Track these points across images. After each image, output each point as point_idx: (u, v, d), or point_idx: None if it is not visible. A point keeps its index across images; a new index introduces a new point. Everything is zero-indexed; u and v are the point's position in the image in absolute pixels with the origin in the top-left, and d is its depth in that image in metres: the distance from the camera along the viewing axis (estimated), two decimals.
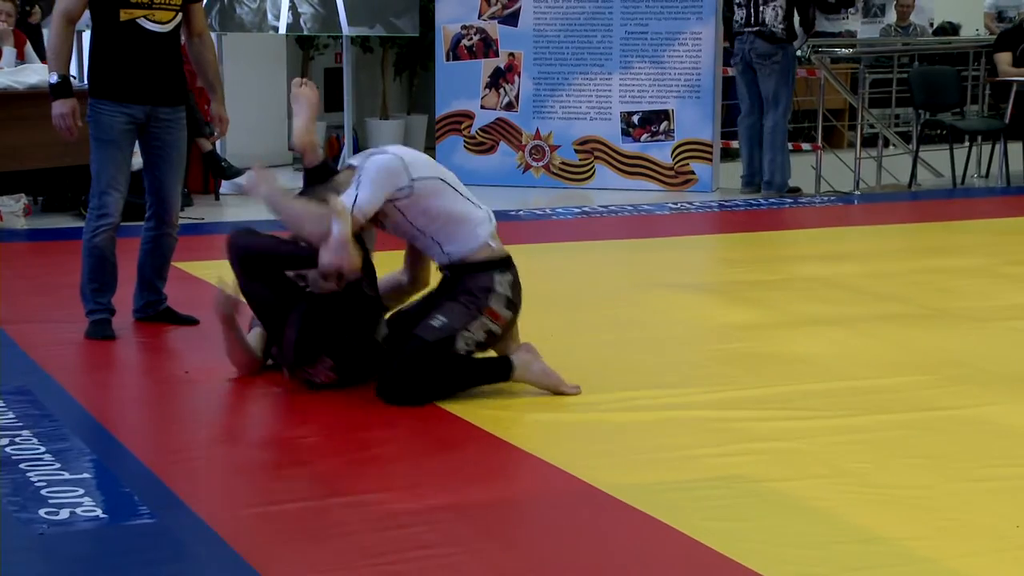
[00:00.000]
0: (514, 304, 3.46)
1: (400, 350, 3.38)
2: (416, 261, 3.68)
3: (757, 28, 7.41)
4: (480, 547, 2.49)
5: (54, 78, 3.96)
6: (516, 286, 3.47)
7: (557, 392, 3.45)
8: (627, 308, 4.62)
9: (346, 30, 7.85)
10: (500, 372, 3.44)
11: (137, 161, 4.18)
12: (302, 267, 3.42)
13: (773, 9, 7.36)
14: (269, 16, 7.69)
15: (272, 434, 3.28)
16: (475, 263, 3.41)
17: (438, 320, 3.38)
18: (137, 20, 3.94)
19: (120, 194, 4.04)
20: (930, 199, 7.84)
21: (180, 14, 4.04)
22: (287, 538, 2.52)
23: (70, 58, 4.05)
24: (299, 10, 7.69)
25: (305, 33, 8.18)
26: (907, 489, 2.81)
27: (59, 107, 3.95)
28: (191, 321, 4.25)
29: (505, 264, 3.45)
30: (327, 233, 3.25)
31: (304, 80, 3.69)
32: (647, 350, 4.02)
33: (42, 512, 2.61)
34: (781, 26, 7.39)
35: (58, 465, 2.91)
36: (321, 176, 3.57)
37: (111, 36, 3.97)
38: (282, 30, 7.81)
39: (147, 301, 4.27)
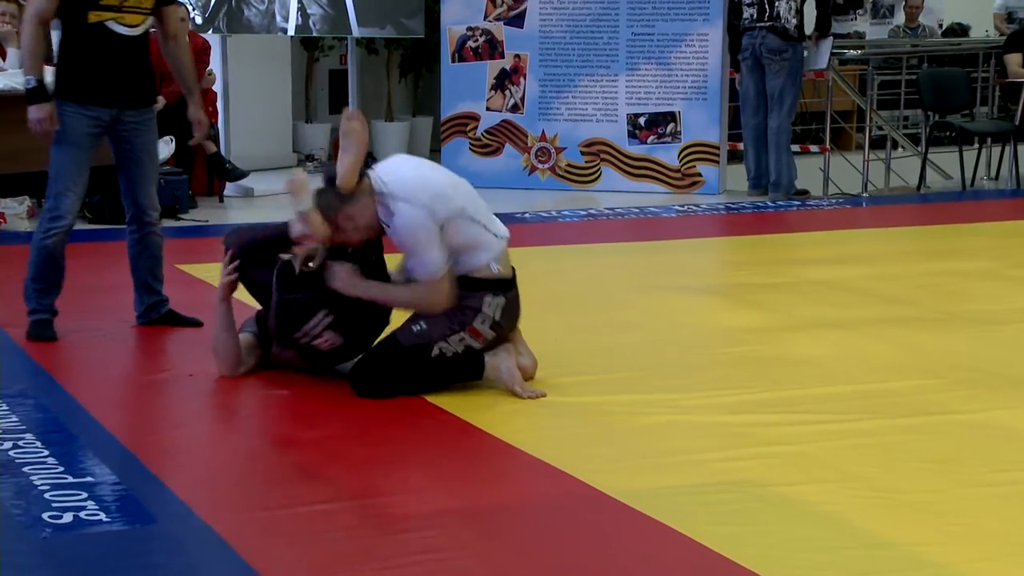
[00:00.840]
0: (500, 326, 3.47)
1: (376, 345, 3.47)
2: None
3: (770, 23, 7.35)
4: (486, 551, 2.49)
5: (31, 83, 3.93)
6: (508, 308, 3.48)
7: (515, 394, 3.44)
8: (633, 311, 4.62)
9: (356, 31, 7.84)
10: (472, 371, 3.46)
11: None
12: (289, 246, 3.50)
13: (788, 3, 7.31)
14: (278, 18, 7.67)
15: (276, 437, 3.27)
16: (471, 280, 3.44)
17: (419, 325, 3.42)
18: (106, 23, 3.94)
19: (77, 197, 4.04)
20: (939, 202, 7.82)
21: (150, 19, 4.04)
22: (291, 541, 2.51)
23: (43, 61, 4.04)
24: (308, 11, 7.67)
25: (315, 35, 8.17)
26: (916, 494, 2.79)
27: (35, 112, 3.93)
28: (195, 323, 4.22)
29: (501, 286, 3.46)
30: (444, 301, 3.39)
31: (355, 112, 3.54)
32: (653, 353, 4.01)
33: (45, 515, 2.61)
34: (794, 21, 7.34)
35: (61, 468, 2.90)
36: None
37: (79, 38, 3.96)
38: (291, 32, 7.80)
39: (148, 304, 4.26)
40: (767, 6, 7.36)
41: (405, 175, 3.43)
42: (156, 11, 4.05)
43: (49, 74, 4.05)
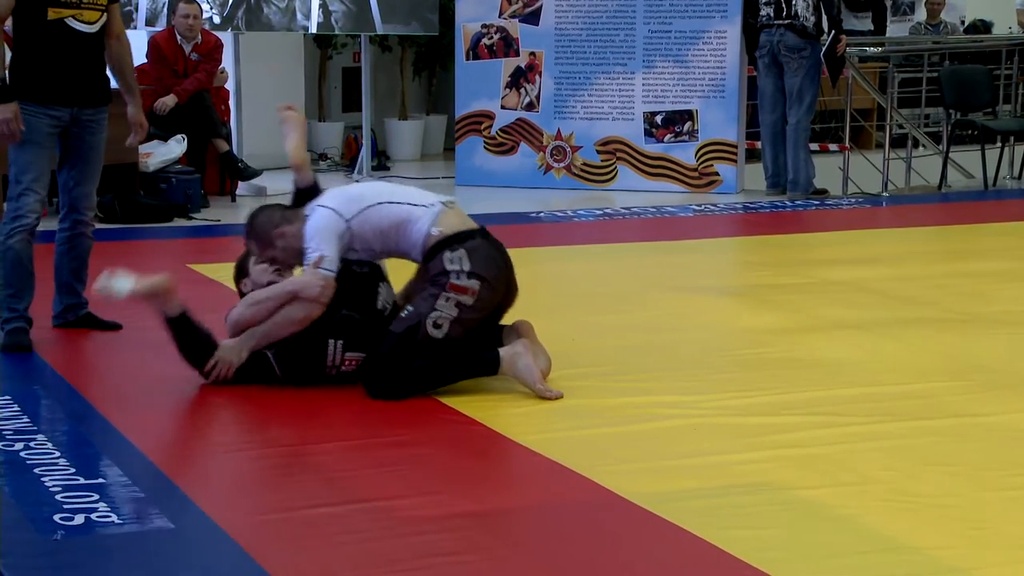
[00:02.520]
0: (480, 276, 3.46)
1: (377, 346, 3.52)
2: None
3: (788, 21, 7.29)
4: (500, 554, 2.48)
5: None
6: (477, 254, 3.48)
7: (534, 391, 3.43)
8: (650, 312, 4.60)
9: (380, 28, 7.80)
10: (487, 366, 3.45)
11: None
12: None
13: (805, 1, 7.24)
14: (298, 15, 7.63)
15: (289, 439, 3.24)
16: (428, 254, 3.51)
17: (407, 311, 3.50)
18: (65, 20, 3.91)
19: (39, 197, 4.00)
20: (961, 201, 7.78)
21: (104, 15, 4.01)
22: (302, 544, 2.50)
23: (4, 60, 3.99)
24: (330, 8, 7.63)
25: (337, 32, 8.12)
26: (936, 497, 2.76)
27: (2, 112, 3.85)
28: (114, 327, 4.18)
29: (454, 240, 3.48)
30: (297, 296, 3.48)
31: (286, 104, 3.88)
32: (670, 355, 3.99)
33: (57, 517, 2.60)
34: (812, 19, 7.27)
35: (73, 470, 2.89)
36: (310, 197, 3.68)
37: (37, 36, 3.93)
38: (312, 29, 7.76)
39: (66, 306, 4.20)
40: (784, 4, 7.31)
41: (314, 209, 3.58)
42: (108, 7, 4.02)
43: None
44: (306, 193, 3.71)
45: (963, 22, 11.22)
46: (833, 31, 7.38)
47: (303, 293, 3.45)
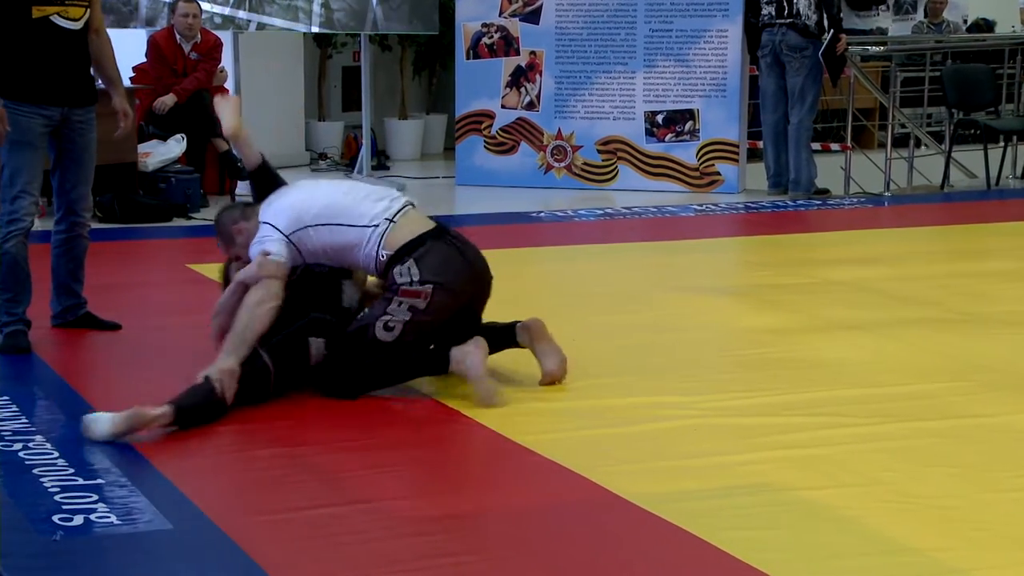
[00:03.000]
0: (433, 281, 3.42)
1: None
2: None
3: (790, 20, 7.28)
4: (500, 555, 2.47)
5: None
6: (424, 261, 3.43)
7: (477, 392, 3.39)
8: (651, 312, 4.59)
9: (383, 26, 7.78)
10: (435, 364, 3.46)
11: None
12: None
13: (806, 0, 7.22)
14: (300, 14, 7.59)
15: (289, 439, 3.23)
16: (382, 272, 3.51)
17: (361, 314, 3.57)
18: (50, 17, 3.88)
19: (34, 198, 3.98)
20: (963, 201, 7.75)
21: (87, 11, 3.98)
22: (302, 545, 2.50)
23: None
24: (332, 7, 7.59)
25: (339, 32, 8.09)
26: (939, 499, 2.75)
27: None
28: (114, 327, 4.17)
29: (402, 253, 3.45)
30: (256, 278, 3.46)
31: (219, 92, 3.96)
32: (671, 355, 3.99)
33: (55, 518, 2.59)
34: (815, 18, 7.25)
35: (71, 470, 2.89)
36: (264, 180, 3.74)
37: (23, 35, 3.90)
38: (315, 27, 7.72)
39: (65, 306, 4.18)
40: (786, 3, 7.30)
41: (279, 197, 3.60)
42: (91, 2, 3.99)
43: None
44: (260, 178, 3.77)
45: (965, 21, 11.20)
46: (832, 30, 7.36)
47: (252, 278, 3.44)
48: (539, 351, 3.55)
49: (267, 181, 3.75)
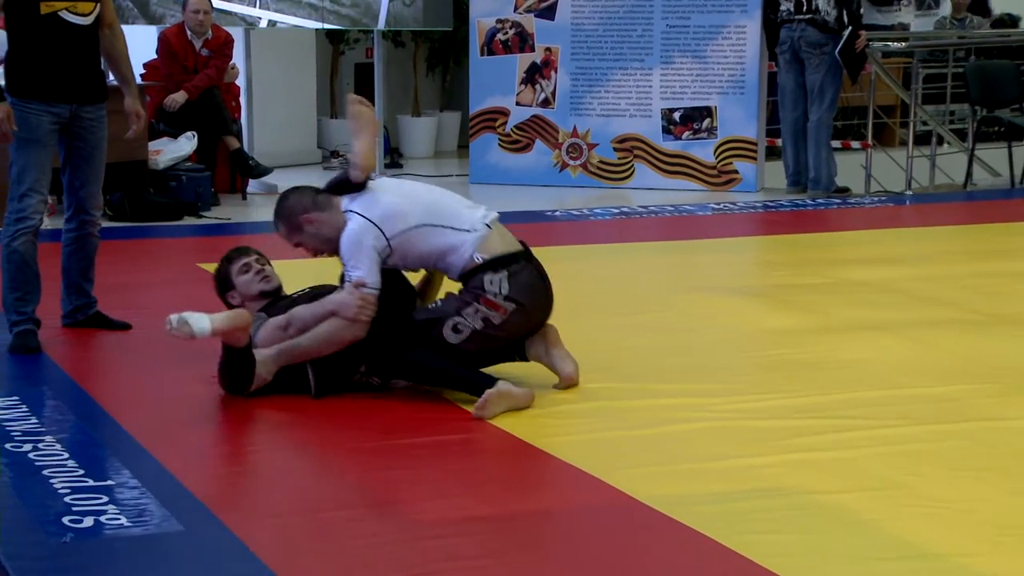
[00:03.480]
0: (517, 300, 3.44)
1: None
2: (425, 285, 3.73)
3: (809, 16, 7.20)
4: (515, 559, 2.46)
5: None
6: (518, 280, 3.45)
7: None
8: (667, 313, 4.57)
9: (396, 23, 7.74)
10: (476, 387, 3.34)
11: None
12: None
13: None
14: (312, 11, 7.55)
15: (300, 442, 3.23)
16: (467, 275, 3.49)
17: (435, 303, 3.53)
18: (59, 13, 3.86)
19: (43, 197, 3.98)
20: (986, 200, 7.69)
21: (98, 6, 3.96)
22: (315, 547, 2.50)
23: None
24: (344, 2, 7.54)
25: (358, 25, 8.05)
26: (961, 503, 2.72)
27: None
28: (124, 326, 4.16)
29: (497, 264, 3.45)
30: (344, 321, 3.37)
31: (358, 96, 3.67)
32: (688, 356, 3.97)
33: (66, 520, 2.59)
34: (834, 13, 7.16)
35: (82, 472, 2.88)
36: (346, 191, 3.55)
37: (32, 31, 3.88)
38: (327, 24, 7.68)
39: (76, 306, 4.18)
40: (805, 0, 7.19)
41: (352, 214, 3.46)
42: None
43: None
44: (345, 188, 3.55)
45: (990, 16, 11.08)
46: (851, 27, 7.26)
47: (341, 312, 3.35)
48: (556, 356, 3.53)
49: (352, 190, 3.54)
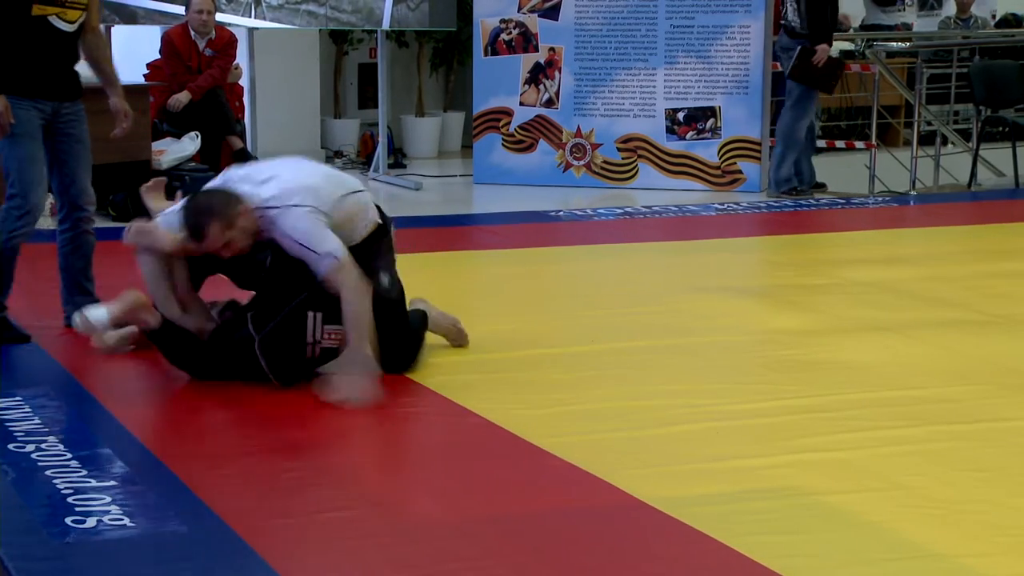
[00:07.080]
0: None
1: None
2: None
3: (783, 22, 7.31)
4: (518, 560, 2.46)
5: None
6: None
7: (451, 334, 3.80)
8: (671, 313, 4.55)
9: (400, 23, 7.73)
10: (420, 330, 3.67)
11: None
12: None
13: (791, 3, 7.22)
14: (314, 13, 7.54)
15: (303, 442, 3.22)
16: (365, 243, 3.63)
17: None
18: (48, 17, 3.91)
19: (43, 191, 4.00)
20: (991, 200, 7.67)
21: (85, 13, 4.01)
22: (317, 548, 2.50)
23: None
24: (348, 3, 7.54)
25: (359, 28, 8.04)
26: (967, 504, 2.73)
27: None
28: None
29: (388, 223, 3.70)
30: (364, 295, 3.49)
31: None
32: (692, 357, 3.97)
33: (68, 520, 2.59)
34: (798, 21, 7.19)
35: (84, 472, 2.88)
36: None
37: (20, 32, 3.92)
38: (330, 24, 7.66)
39: (79, 306, 4.12)
40: (783, 5, 7.30)
41: (291, 204, 3.49)
42: (88, 4, 4.02)
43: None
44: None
45: (994, 16, 11.07)
46: (809, 42, 7.17)
47: (345, 287, 3.42)
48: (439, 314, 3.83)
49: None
